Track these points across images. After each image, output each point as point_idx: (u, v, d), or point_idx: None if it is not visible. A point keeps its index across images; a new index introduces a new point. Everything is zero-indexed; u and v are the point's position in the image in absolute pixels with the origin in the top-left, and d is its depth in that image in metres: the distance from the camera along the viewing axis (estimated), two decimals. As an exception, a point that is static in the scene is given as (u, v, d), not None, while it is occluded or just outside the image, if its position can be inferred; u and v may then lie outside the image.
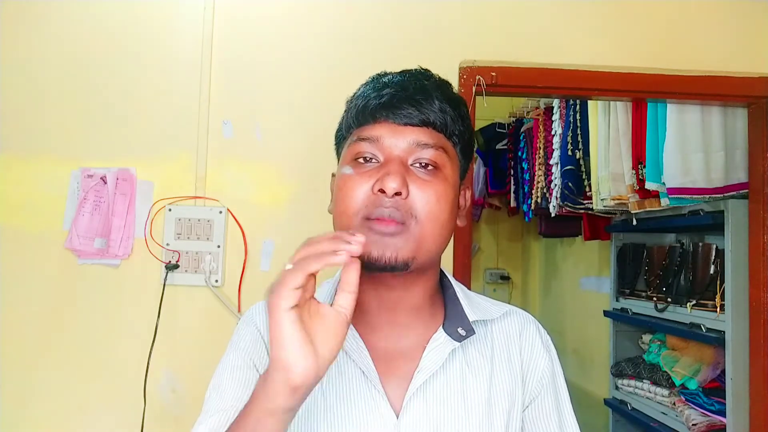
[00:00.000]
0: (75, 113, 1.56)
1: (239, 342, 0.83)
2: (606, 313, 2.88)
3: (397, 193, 0.73)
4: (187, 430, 1.56)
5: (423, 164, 0.77)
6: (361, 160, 0.78)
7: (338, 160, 0.85)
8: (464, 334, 0.80)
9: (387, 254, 0.74)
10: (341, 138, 0.84)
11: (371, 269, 0.75)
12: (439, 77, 0.83)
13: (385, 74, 0.83)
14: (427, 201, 0.75)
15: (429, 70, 0.83)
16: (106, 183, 1.52)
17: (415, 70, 0.83)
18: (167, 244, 1.53)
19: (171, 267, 1.52)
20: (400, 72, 0.82)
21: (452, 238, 1.55)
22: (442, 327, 0.81)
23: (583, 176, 2.55)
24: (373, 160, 0.77)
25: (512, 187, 3.25)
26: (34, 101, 1.55)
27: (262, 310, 0.86)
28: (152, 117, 1.57)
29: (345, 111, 0.84)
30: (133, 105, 1.57)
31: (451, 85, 0.84)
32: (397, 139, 0.77)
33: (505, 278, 3.87)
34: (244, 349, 0.82)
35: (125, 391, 1.49)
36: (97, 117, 1.56)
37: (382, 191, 0.74)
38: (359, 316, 0.81)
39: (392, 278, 0.78)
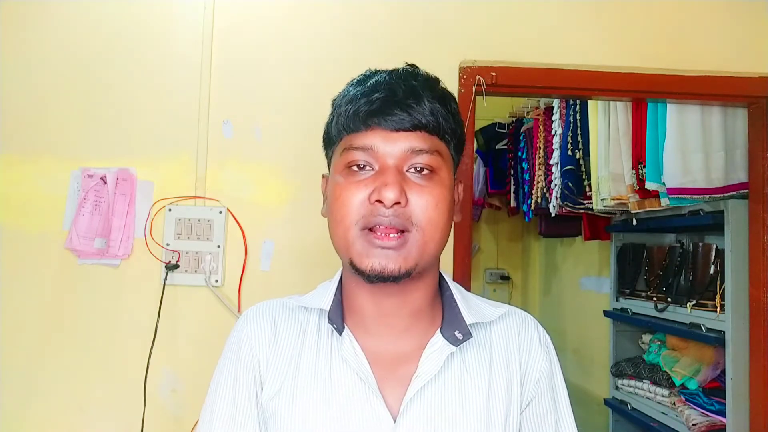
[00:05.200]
0: (75, 113, 1.56)
1: (238, 359, 0.83)
2: (606, 313, 2.89)
3: (396, 203, 0.73)
4: (187, 430, 1.56)
5: (418, 169, 0.76)
6: (354, 168, 0.77)
7: (328, 163, 0.85)
8: (461, 338, 0.80)
9: (390, 266, 0.74)
10: (331, 142, 0.83)
11: (373, 280, 0.75)
12: (426, 74, 0.82)
13: (371, 75, 0.81)
14: (426, 208, 0.75)
15: (416, 67, 0.83)
16: (106, 183, 1.52)
17: (402, 69, 0.82)
18: (167, 244, 1.53)
19: (171, 267, 1.52)
20: (388, 72, 0.80)
21: (452, 237, 1.56)
22: (440, 331, 0.81)
23: (583, 176, 2.56)
24: (367, 168, 0.77)
25: (512, 187, 3.25)
26: (34, 101, 1.56)
27: (255, 316, 0.86)
28: (152, 117, 1.57)
29: (333, 114, 0.82)
30: (133, 105, 1.57)
31: (439, 80, 0.82)
32: (391, 146, 0.76)
33: (505, 278, 3.88)
34: (243, 366, 0.82)
35: (125, 391, 1.50)
36: (97, 117, 1.56)
37: (380, 201, 0.73)
38: (357, 321, 0.82)
39: (391, 286, 0.78)
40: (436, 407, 0.77)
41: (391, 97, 0.76)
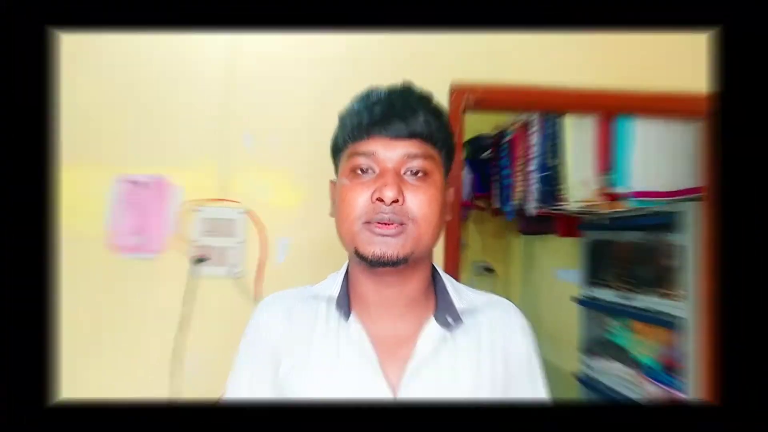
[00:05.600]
0: (121, 129, 1.67)
1: (256, 343, 0.90)
2: (578, 301, 3.02)
3: (395, 201, 0.80)
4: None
5: (414, 172, 0.82)
6: (358, 171, 0.83)
7: (335, 168, 0.91)
8: (453, 323, 0.86)
9: (389, 252, 0.80)
10: (338, 150, 0.89)
11: (375, 265, 0.82)
12: (421, 90, 0.88)
13: (373, 91, 0.87)
14: (421, 205, 0.81)
15: (412, 84, 0.88)
16: (143, 188, 1.64)
17: (401, 86, 0.87)
18: (196, 241, 1.64)
19: (199, 260, 1.63)
20: (387, 89, 0.86)
21: (444, 236, 1.72)
22: (434, 317, 0.87)
23: (558, 181, 2.61)
24: (370, 171, 0.83)
25: (496, 191, 3.31)
26: (89, 119, 1.65)
27: (271, 304, 0.93)
28: (184, 132, 1.68)
29: (339, 126, 0.88)
30: (169, 121, 1.68)
31: (432, 96, 0.88)
32: (390, 152, 0.82)
33: (490, 270, 3.84)
34: (261, 349, 0.89)
35: (152, 374, 1.60)
36: (138, 132, 1.67)
37: (380, 200, 0.80)
38: (362, 308, 0.88)
39: (391, 275, 0.84)
40: (431, 384, 0.83)
41: (390, 109, 0.82)
